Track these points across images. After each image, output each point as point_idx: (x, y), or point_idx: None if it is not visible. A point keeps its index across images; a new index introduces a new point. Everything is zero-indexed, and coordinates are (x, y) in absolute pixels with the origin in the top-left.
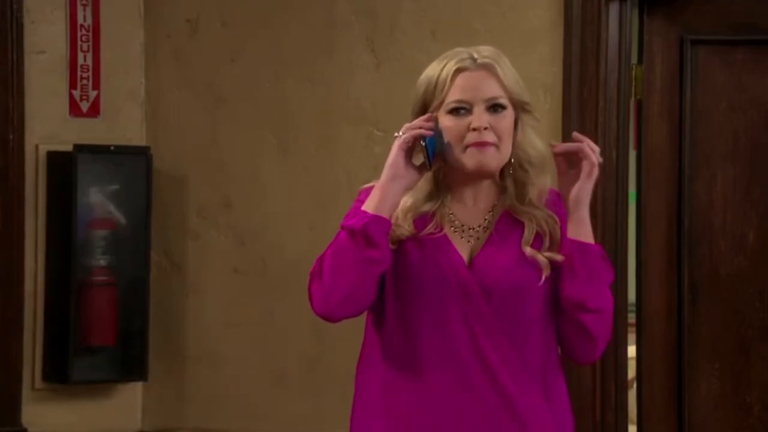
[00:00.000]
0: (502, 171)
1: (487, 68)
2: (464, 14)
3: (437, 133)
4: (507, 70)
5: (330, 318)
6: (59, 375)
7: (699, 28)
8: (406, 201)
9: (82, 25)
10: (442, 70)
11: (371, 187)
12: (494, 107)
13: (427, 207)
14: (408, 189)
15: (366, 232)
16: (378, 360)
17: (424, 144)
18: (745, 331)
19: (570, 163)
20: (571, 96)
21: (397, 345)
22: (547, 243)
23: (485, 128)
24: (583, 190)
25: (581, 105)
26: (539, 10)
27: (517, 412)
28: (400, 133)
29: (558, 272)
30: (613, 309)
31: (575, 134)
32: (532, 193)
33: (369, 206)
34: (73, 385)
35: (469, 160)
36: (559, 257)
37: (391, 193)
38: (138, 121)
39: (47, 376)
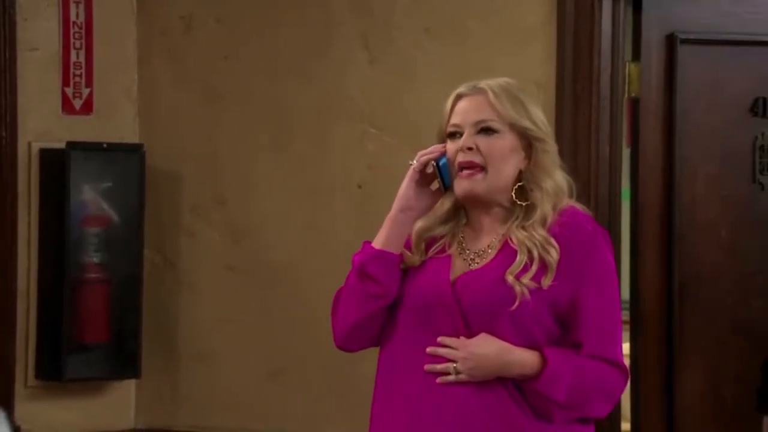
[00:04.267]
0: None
1: (482, 93)
2: (459, 11)
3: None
4: (503, 97)
5: (345, 349)
6: (52, 372)
7: (688, 26)
8: (421, 224)
9: (75, 23)
10: (449, 98)
11: None
12: (485, 130)
13: (440, 229)
14: (422, 215)
15: (364, 269)
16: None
17: (435, 166)
18: (722, 326)
19: None
20: (564, 93)
21: (382, 360)
22: (534, 269)
23: (469, 148)
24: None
25: (575, 102)
26: (533, 7)
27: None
28: (414, 162)
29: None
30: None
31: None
32: (537, 216)
33: (377, 240)
34: (66, 383)
35: (457, 186)
36: (543, 284)
37: (399, 225)
38: (131, 118)
39: (40, 374)
